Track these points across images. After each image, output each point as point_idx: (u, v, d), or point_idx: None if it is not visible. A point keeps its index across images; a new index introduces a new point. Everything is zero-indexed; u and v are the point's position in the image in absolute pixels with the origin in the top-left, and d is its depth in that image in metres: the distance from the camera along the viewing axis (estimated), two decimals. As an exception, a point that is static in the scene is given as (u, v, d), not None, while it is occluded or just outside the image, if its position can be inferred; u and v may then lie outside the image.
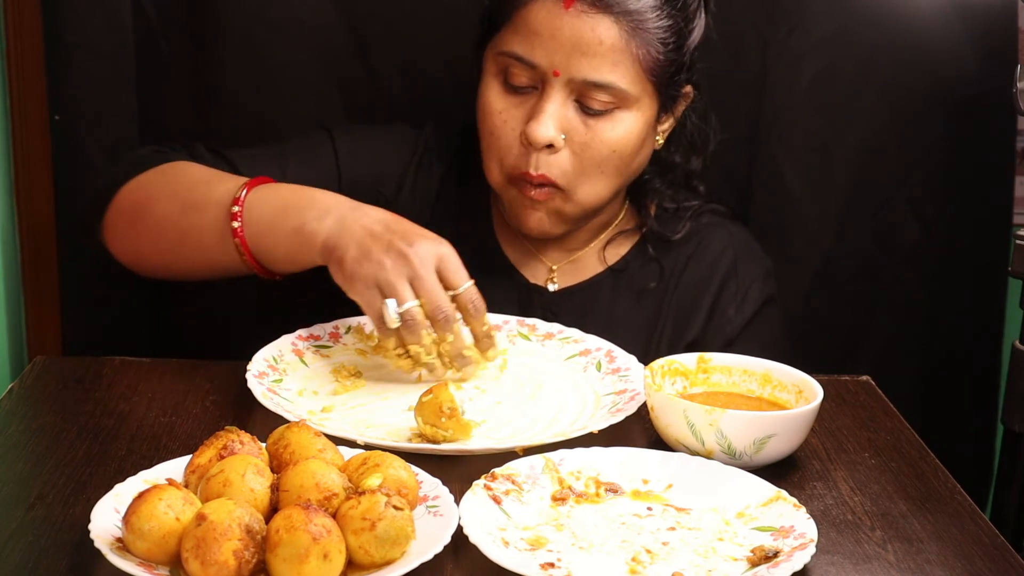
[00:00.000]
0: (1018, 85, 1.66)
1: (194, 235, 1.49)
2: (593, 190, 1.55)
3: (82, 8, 1.71)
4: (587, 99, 1.50)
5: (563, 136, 1.50)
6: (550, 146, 1.50)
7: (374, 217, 1.40)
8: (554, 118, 1.50)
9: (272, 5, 1.78)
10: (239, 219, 1.44)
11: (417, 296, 1.36)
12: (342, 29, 1.79)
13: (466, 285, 1.39)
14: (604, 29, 1.47)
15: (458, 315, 1.40)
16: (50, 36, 1.71)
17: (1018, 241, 1.59)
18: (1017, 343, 1.65)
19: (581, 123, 1.51)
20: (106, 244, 1.58)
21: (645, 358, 1.42)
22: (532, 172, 1.52)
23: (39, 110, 1.74)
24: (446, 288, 1.38)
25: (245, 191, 1.45)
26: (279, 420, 1.24)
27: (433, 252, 1.38)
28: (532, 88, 1.52)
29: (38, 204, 1.77)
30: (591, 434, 1.29)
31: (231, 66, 1.78)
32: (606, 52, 1.48)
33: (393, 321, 1.35)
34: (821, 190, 1.87)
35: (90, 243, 1.59)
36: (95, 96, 1.73)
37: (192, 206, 1.49)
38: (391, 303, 1.35)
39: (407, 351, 1.39)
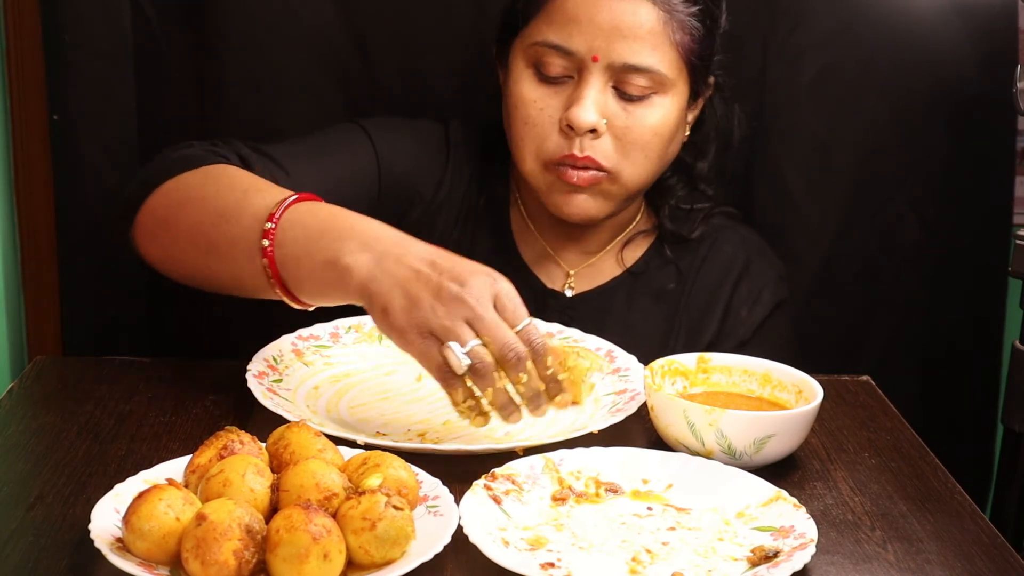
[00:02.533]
0: (1018, 85, 1.65)
1: (224, 246, 1.35)
2: (637, 172, 1.54)
3: (82, 8, 1.70)
4: (625, 84, 1.50)
5: (604, 121, 1.50)
6: (593, 131, 1.50)
7: (418, 255, 1.24)
8: (595, 103, 1.50)
9: (272, 5, 1.77)
10: (270, 237, 1.30)
11: (480, 337, 1.21)
12: (342, 29, 1.78)
13: (526, 322, 1.23)
14: (645, 13, 1.48)
15: None
16: (50, 36, 1.70)
17: (1018, 241, 1.59)
18: (1017, 343, 1.65)
19: (621, 109, 1.51)
20: (136, 246, 1.48)
21: None
22: (577, 153, 1.51)
23: (39, 110, 1.74)
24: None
25: (283, 208, 1.31)
26: (279, 420, 1.24)
27: (488, 289, 1.22)
28: (567, 77, 1.52)
29: (38, 204, 1.76)
30: (591, 434, 1.29)
31: (231, 66, 1.78)
32: (645, 36, 1.49)
33: (461, 366, 1.20)
34: (821, 190, 1.87)
35: (118, 244, 1.49)
36: (95, 96, 1.73)
37: (224, 215, 1.36)
38: (455, 346, 1.20)
39: (477, 402, 1.24)
